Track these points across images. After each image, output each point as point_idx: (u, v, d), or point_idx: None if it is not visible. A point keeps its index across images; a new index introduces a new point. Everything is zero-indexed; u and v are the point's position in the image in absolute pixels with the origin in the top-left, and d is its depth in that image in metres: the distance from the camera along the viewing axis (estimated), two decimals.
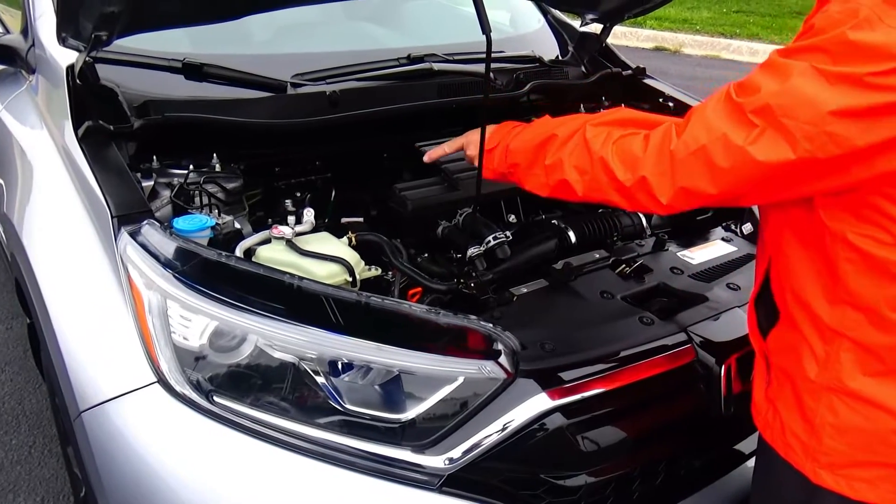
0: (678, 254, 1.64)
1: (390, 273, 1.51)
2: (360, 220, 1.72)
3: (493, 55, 1.88)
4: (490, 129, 1.36)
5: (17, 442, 2.27)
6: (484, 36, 1.21)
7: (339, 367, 1.21)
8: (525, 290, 1.47)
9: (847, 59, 0.85)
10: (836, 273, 0.97)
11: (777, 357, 1.10)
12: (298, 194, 1.69)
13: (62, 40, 1.47)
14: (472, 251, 1.56)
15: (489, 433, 1.18)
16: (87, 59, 1.52)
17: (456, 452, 1.17)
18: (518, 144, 1.30)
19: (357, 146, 1.87)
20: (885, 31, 0.83)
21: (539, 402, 1.20)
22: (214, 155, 1.61)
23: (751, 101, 0.92)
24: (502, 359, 1.19)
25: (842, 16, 0.87)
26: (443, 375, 1.19)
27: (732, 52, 8.31)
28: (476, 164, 1.35)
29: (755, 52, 8.19)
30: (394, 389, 1.21)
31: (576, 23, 2.53)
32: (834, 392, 0.99)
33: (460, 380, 1.19)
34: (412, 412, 1.19)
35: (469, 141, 1.49)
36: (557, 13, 2.65)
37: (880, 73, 0.83)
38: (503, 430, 1.18)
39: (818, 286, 1.00)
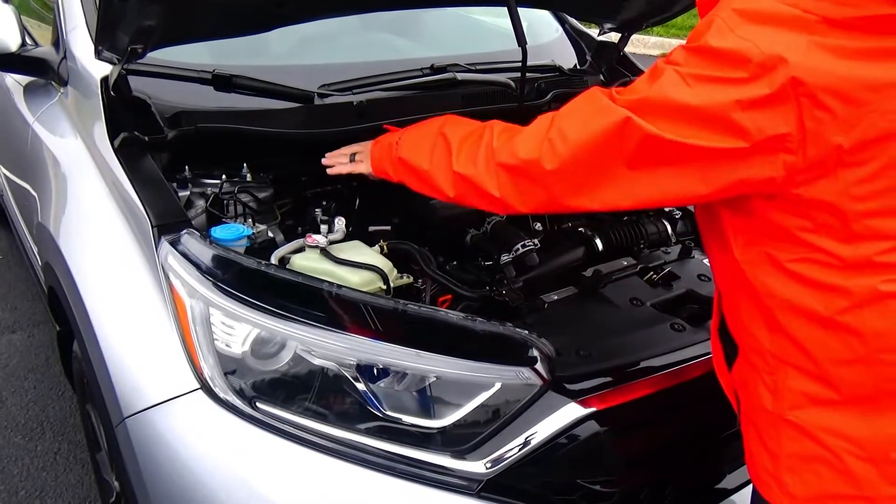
0: (704, 261, 1.65)
1: (420, 281, 1.53)
2: (388, 228, 1.74)
3: (512, 64, 1.91)
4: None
5: (43, 448, 2.29)
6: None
7: (375, 373, 1.22)
8: (555, 298, 1.49)
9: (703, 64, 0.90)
10: (764, 300, 0.99)
11: (741, 390, 1.10)
12: (325, 203, 1.71)
13: (98, 53, 1.50)
14: (501, 259, 1.58)
15: (526, 439, 1.19)
16: (122, 70, 1.55)
17: (494, 457, 1.19)
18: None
19: None
20: (734, 39, 0.88)
21: (574, 408, 1.21)
22: (245, 165, 1.64)
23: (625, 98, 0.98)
24: (538, 365, 1.20)
25: (702, 27, 0.93)
26: (480, 382, 1.21)
27: None
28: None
29: None
30: (431, 396, 1.22)
31: (593, 32, 2.56)
32: (787, 422, 0.99)
33: (497, 386, 1.20)
34: (450, 418, 1.21)
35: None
36: (575, 22, 2.67)
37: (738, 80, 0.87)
38: (540, 435, 1.19)
39: (757, 314, 1.01)
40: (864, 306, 0.91)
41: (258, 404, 1.19)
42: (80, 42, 1.80)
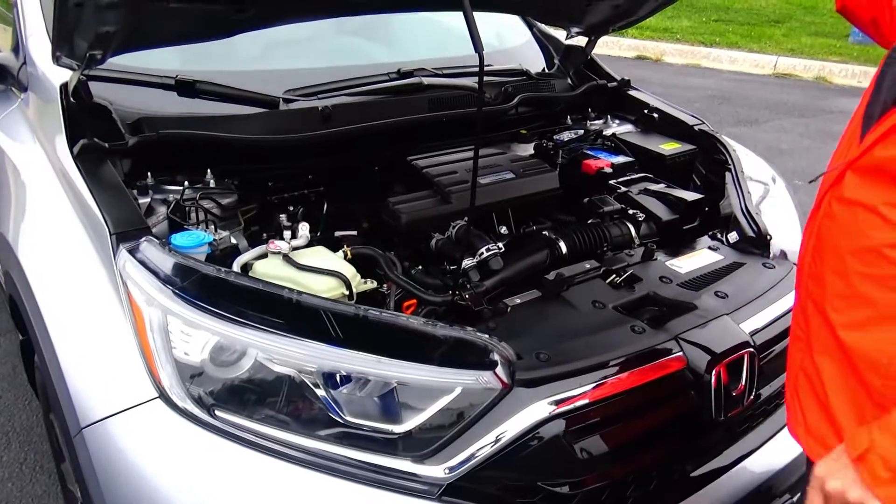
0: (666, 263, 1.67)
1: (385, 286, 1.53)
2: (354, 233, 1.74)
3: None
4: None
5: (8, 459, 2.26)
6: (474, 52, 1.23)
7: (338, 379, 1.22)
8: (518, 301, 1.49)
9: None
10: None
11: None
12: (291, 208, 1.71)
13: (56, 59, 1.48)
14: (465, 263, 1.59)
15: (487, 442, 1.20)
16: (81, 77, 1.53)
17: (455, 462, 1.19)
18: None
19: (349, 160, 1.89)
20: None
21: (535, 411, 1.22)
22: (209, 171, 1.63)
23: None
24: (499, 369, 1.21)
25: None
26: (440, 386, 1.21)
27: (713, 61, 8.42)
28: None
29: (734, 60, 8.31)
30: (392, 401, 1.23)
31: (561, 35, 2.58)
32: None
33: (458, 390, 1.21)
34: (411, 423, 1.21)
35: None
36: (543, 26, 2.69)
37: None
38: (501, 439, 1.20)
39: None
40: None
41: (217, 412, 1.18)
42: (40, 48, 1.78)
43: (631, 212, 1.85)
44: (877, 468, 0.88)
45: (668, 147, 2.13)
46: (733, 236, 1.81)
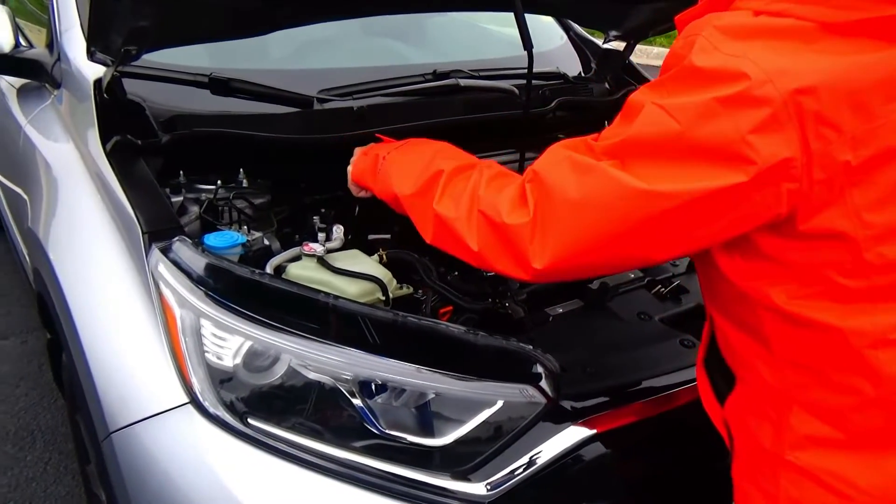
0: None
1: (420, 291, 1.48)
2: (388, 236, 1.69)
3: (517, 71, 1.88)
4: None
5: (32, 458, 2.24)
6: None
7: (373, 388, 1.17)
8: (560, 311, 1.44)
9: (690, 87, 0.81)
10: (764, 332, 0.91)
11: (736, 425, 1.02)
12: (324, 210, 1.66)
13: (91, 54, 1.46)
14: None
15: (529, 460, 1.14)
16: (115, 73, 1.51)
17: (496, 479, 1.13)
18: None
19: None
20: (722, 58, 0.79)
21: (581, 428, 1.16)
22: (241, 170, 1.59)
23: (602, 144, 0.90)
24: (543, 382, 1.15)
25: (681, 49, 0.85)
26: (481, 399, 1.15)
27: None
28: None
29: None
30: (431, 412, 1.18)
31: (598, 40, 2.52)
32: (787, 463, 0.92)
33: (499, 403, 1.15)
34: (450, 436, 1.15)
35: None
36: (580, 30, 2.64)
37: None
38: (544, 457, 1.14)
39: (756, 344, 0.93)
40: (878, 347, 0.83)
41: (250, 420, 1.13)
42: (74, 44, 1.76)
43: None
44: (365, 163, 1.39)
45: None
46: None
